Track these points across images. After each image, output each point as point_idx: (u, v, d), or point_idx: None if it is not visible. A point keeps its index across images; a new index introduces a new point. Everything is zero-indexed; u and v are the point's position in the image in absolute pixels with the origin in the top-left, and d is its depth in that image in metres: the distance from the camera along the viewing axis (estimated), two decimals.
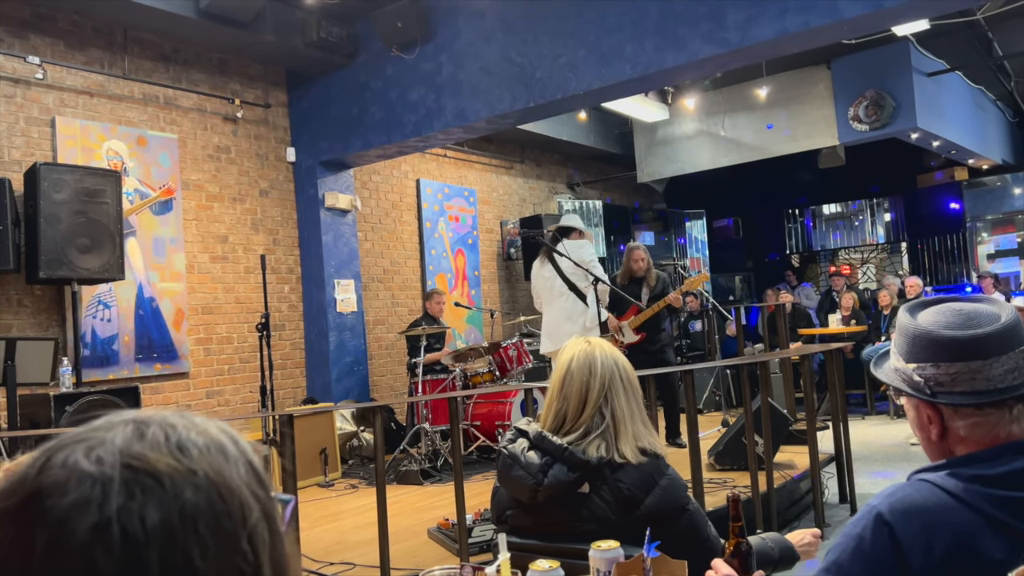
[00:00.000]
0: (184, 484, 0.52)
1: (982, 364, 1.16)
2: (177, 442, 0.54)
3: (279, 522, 0.58)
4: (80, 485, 0.50)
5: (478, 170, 9.57)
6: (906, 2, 4.61)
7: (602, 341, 2.09)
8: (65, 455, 0.52)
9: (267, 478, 0.59)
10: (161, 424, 0.55)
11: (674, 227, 11.89)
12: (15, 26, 5.58)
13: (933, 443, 1.23)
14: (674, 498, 1.92)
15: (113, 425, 0.55)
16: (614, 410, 1.96)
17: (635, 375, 2.05)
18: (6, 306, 5.41)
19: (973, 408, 1.17)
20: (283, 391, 7.07)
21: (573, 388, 1.99)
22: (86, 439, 0.53)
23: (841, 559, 1.15)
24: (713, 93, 9.53)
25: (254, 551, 0.53)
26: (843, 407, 5.36)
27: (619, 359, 2.03)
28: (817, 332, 9.30)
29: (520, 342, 6.69)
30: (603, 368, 1.99)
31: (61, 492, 0.50)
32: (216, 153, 6.78)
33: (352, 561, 3.87)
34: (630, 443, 1.94)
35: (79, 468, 0.51)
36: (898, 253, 12.05)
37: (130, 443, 0.53)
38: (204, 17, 5.89)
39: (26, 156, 5.54)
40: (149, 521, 0.49)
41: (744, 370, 4.79)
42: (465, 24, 6.28)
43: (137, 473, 0.51)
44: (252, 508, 0.54)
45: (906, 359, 1.23)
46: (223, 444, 0.56)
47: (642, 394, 2.07)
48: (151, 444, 0.53)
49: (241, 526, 0.53)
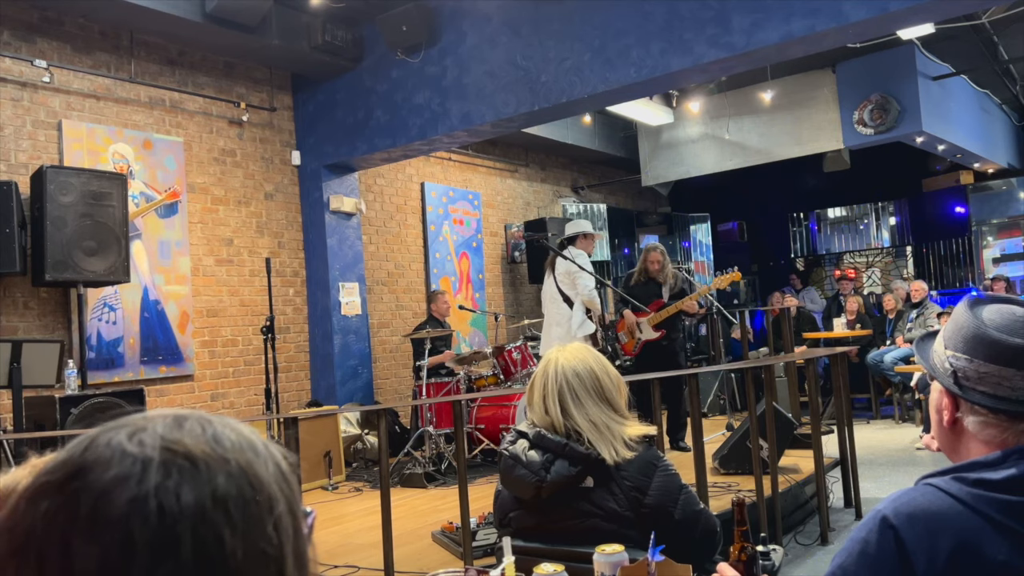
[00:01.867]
0: (218, 470, 0.56)
1: (1014, 373, 1.16)
2: (213, 434, 0.58)
3: (303, 521, 0.62)
4: (122, 462, 0.54)
5: (483, 173, 9.58)
6: (911, 6, 4.60)
7: (572, 348, 2.13)
8: (109, 437, 0.56)
9: (293, 480, 0.62)
10: (198, 419, 0.60)
11: (679, 230, 11.88)
12: (23, 30, 5.61)
13: (943, 428, 1.25)
14: (672, 483, 1.99)
15: (154, 417, 0.59)
16: (581, 420, 2.00)
17: (602, 374, 2.07)
18: (12, 308, 5.43)
19: (988, 410, 1.17)
20: (287, 394, 7.07)
21: (538, 404, 2.07)
22: (129, 425, 0.57)
23: (846, 563, 1.15)
24: (718, 97, 9.53)
25: (279, 538, 0.57)
26: (848, 411, 5.35)
27: (579, 367, 2.05)
28: (822, 336, 9.28)
29: (524, 345, 6.69)
30: (556, 383, 2.04)
31: (104, 467, 0.53)
32: (221, 156, 6.80)
33: (356, 564, 3.87)
34: (611, 444, 1.97)
35: (122, 447, 0.55)
36: (903, 257, 12.01)
37: (170, 430, 0.57)
38: (210, 21, 5.91)
39: (33, 159, 5.56)
40: (184, 499, 0.53)
41: (749, 374, 4.79)
42: (470, 28, 6.29)
43: (175, 455, 0.55)
44: (279, 500, 0.58)
45: (947, 344, 1.25)
46: (254, 442, 0.61)
47: (616, 387, 2.08)
48: (189, 433, 0.57)
49: (268, 513, 0.57)
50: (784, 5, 4.96)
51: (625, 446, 1.97)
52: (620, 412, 2.06)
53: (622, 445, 1.97)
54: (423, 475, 5.74)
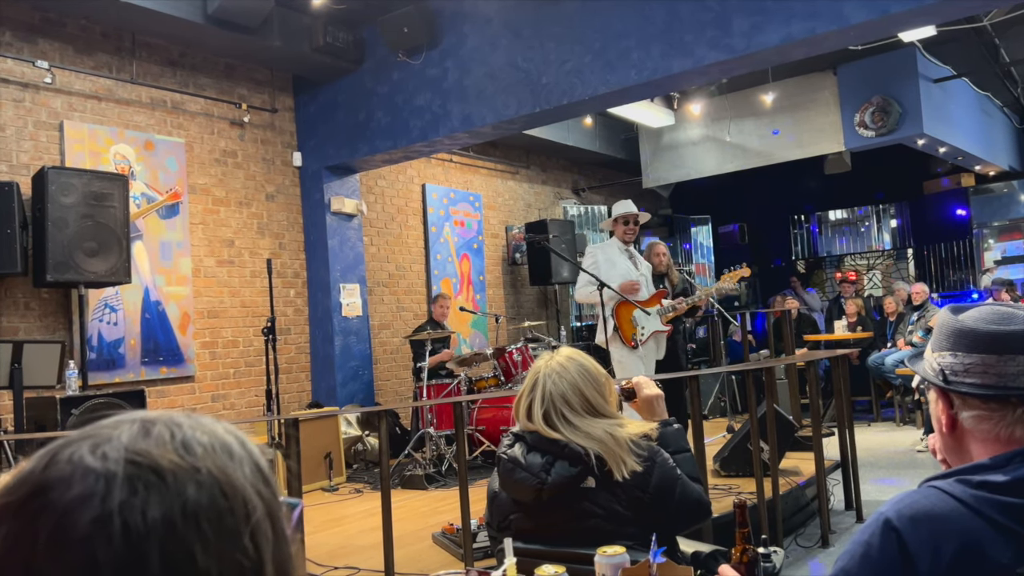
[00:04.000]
0: (187, 480, 0.53)
1: (997, 359, 1.18)
2: (182, 440, 0.55)
3: (284, 523, 0.58)
4: (84, 479, 0.51)
5: (484, 175, 9.58)
6: (912, 8, 4.60)
7: (559, 356, 2.12)
8: (71, 451, 0.53)
9: (273, 479, 0.59)
10: (167, 423, 0.56)
11: (679, 232, 11.88)
12: (24, 31, 5.62)
13: (944, 436, 1.25)
14: (668, 469, 1.99)
15: (120, 424, 0.56)
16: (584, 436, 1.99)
17: (588, 384, 2.05)
18: (13, 309, 5.43)
19: (979, 400, 1.19)
20: (288, 395, 7.07)
21: (525, 413, 2.08)
22: (92, 436, 0.54)
23: (849, 566, 1.15)
24: (719, 99, 9.53)
25: (256, 548, 0.54)
26: (849, 413, 5.35)
27: (566, 377, 2.04)
28: (823, 338, 9.27)
29: (525, 347, 6.68)
30: (547, 394, 2.04)
31: (65, 486, 0.51)
32: (223, 157, 6.80)
33: (356, 566, 3.87)
34: (623, 451, 1.96)
35: (84, 463, 0.52)
36: (904, 259, 12.00)
37: (135, 440, 0.54)
38: (212, 22, 5.92)
39: (34, 160, 5.56)
40: (150, 515, 0.50)
41: (750, 376, 4.78)
42: (471, 30, 6.30)
43: (141, 469, 0.52)
44: (256, 507, 0.55)
45: (933, 348, 1.27)
46: (229, 444, 0.57)
47: (602, 392, 2.08)
48: (156, 441, 0.54)
49: (244, 523, 0.54)
50: (784, 7, 4.96)
51: (631, 453, 1.96)
52: (612, 415, 2.05)
53: (628, 453, 1.95)
54: (423, 477, 5.73)
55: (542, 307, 10.03)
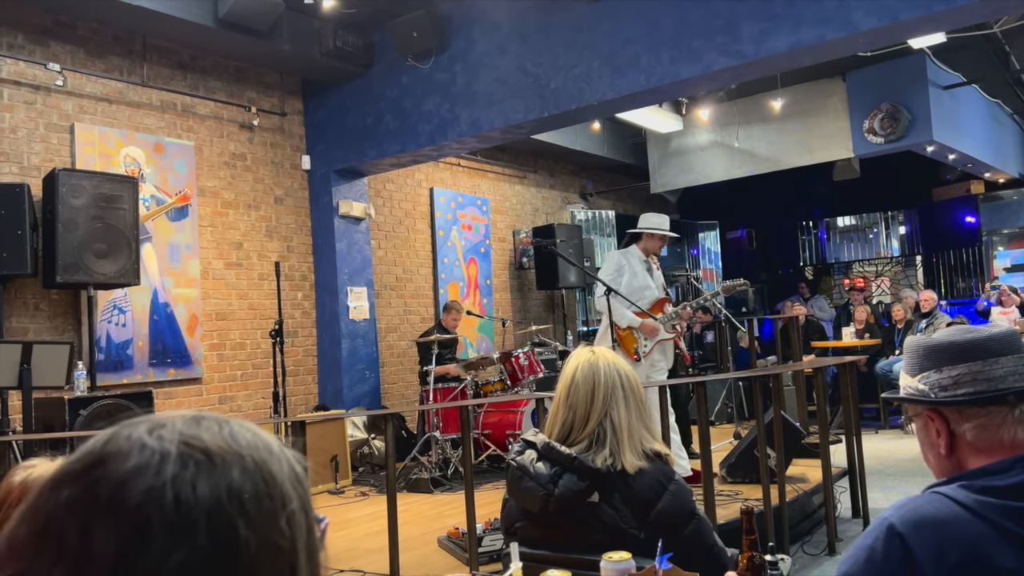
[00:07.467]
0: (233, 464, 0.58)
1: (983, 365, 1.19)
2: (230, 432, 0.61)
3: (315, 522, 0.64)
4: (141, 453, 0.56)
5: (491, 179, 9.59)
6: (922, 15, 4.59)
7: (605, 350, 2.10)
8: (130, 431, 0.59)
9: (306, 482, 0.65)
10: (216, 419, 0.62)
11: (687, 238, 11.86)
12: (36, 33, 5.66)
13: (943, 458, 1.24)
14: (684, 503, 1.93)
15: (173, 416, 0.62)
16: (619, 419, 1.97)
17: (638, 381, 2.06)
18: (23, 310, 5.46)
19: (977, 407, 1.18)
20: (295, 397, 7.09)
21: (579, 398, 2.01)
22: (149, 421, 0.60)
23: (853, 571, 1.15)
24: (728, 104, 9.52)
25: (292, 532, 0.59)
26: (856, 421, 5.32)
27: (621, 368, 2.05)
28: (831, 345, 9.24)
29: (531, 351, 6.68)
30: (606, 378, 2.00)
31: (124, 458, 0.56)
32: (232, 160, 6.83)
33: (362, 569, 3.87)
34: (635, 450, 1.95)
35: (141, 441, 0.57)
36: (913, 266, 11.96)
37: (188, 426, 0.60)
38: (222, 26, 5.95)
39: (45, 162, 5.60)
40: (200, 490, 0.55)
41: (757, 382, 4.77)
42: (480, 35, 6.31)
43: (192, 449, 0.57)
44: (292, 498, 0.61)
45: (911, 373, 1.28)
46: (269, 443, 0.63)
47: (644, 398, 2.07)
48: (207, 430, 0.60)
49: (281, 509, 0.59)
50: (794, 14, 4.95)
51: (644, 457, 1.95)
52: (647, 417, 2.04)
53: (640, 455, 1.95)
54: (429, 480, 5.73)
55: (549, 311, 10.03)
